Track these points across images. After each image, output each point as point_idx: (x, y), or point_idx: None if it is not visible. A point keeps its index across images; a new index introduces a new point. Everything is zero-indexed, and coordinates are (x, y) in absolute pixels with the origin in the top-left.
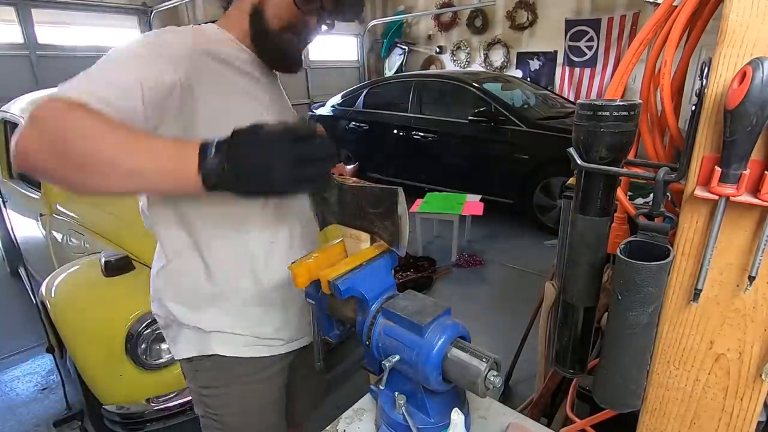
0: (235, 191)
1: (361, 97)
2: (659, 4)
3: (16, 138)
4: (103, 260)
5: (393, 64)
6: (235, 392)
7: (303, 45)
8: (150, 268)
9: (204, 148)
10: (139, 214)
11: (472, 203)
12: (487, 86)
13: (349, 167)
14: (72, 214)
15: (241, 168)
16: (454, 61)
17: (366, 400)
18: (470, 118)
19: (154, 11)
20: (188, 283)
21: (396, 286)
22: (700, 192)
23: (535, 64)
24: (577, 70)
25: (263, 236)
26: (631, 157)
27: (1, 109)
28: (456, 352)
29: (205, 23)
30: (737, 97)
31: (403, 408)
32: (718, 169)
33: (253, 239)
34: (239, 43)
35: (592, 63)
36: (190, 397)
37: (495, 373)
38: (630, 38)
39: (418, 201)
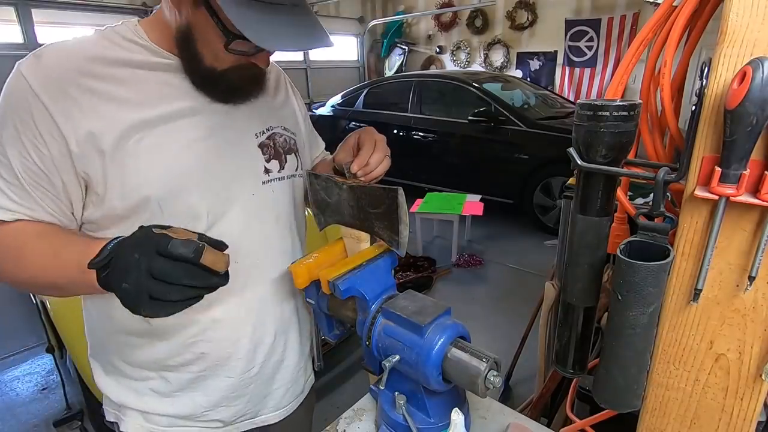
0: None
1: (361, 97)
2: (659, 4)
3: None
4: None
5: (393, 64)
6: None
7: (263, 68)
8: None
9: (110, 242)
10: None
11: (472, 203)
12: (487, 86)
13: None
14: None
15: (112, 266)
16: (454, 61)
17: (366, 400)
18: (470, 118)
19: (154, 11)
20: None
21: (396, 286)
22: (700, 192)
23: (535, 64)
24: (577, 70)
25: None
26: (631, 157)
27: None
28: (456, 352)
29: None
30: (737, 97)
31: (403, 408)
32: (718, 169)
33: None
34: (158, 46)
35: (592, 63)
36: None
37: (495, 373)
38: (630, 38)
39: (418, 201)
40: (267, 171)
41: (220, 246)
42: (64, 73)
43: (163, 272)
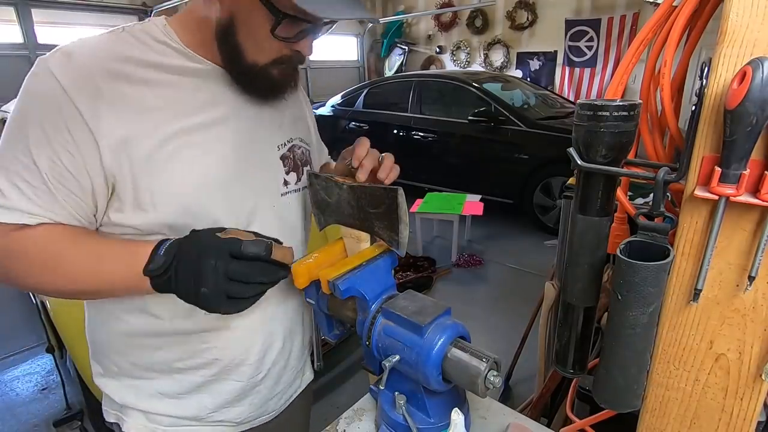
0: (176, 294)
1: (361, 97)
2: (659, 4)
3: None
4: None
5: (393, 64)
6: None
7: (299, 64)
8: None
9: (158, 246)
10: None
11: (472, 203)
12: (487, 86)
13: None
14: None
15: (179, 271)
16: (454, 61)
17: (366, 400)
18: (470, 118)
19: (154, 11)
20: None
21: (396, 286)
22: (700, 192)
23: (535, 64)
24: (577, 70)
25: None
26: (631, 157)
27: (1, 109)
28: (456, 352)
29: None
30: (737, 97)
31: (403, 408)
32: (718, 169)
33: None
34: (190, 50)
35: (592, 63)
36: None
37: (495, 373)
38: (630, 38)
39: (418, 201)
40: (286, 183)
41: (277, 242)
42: (97, 74)
43: (240, 273)
